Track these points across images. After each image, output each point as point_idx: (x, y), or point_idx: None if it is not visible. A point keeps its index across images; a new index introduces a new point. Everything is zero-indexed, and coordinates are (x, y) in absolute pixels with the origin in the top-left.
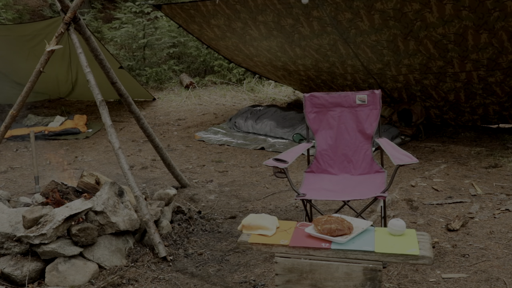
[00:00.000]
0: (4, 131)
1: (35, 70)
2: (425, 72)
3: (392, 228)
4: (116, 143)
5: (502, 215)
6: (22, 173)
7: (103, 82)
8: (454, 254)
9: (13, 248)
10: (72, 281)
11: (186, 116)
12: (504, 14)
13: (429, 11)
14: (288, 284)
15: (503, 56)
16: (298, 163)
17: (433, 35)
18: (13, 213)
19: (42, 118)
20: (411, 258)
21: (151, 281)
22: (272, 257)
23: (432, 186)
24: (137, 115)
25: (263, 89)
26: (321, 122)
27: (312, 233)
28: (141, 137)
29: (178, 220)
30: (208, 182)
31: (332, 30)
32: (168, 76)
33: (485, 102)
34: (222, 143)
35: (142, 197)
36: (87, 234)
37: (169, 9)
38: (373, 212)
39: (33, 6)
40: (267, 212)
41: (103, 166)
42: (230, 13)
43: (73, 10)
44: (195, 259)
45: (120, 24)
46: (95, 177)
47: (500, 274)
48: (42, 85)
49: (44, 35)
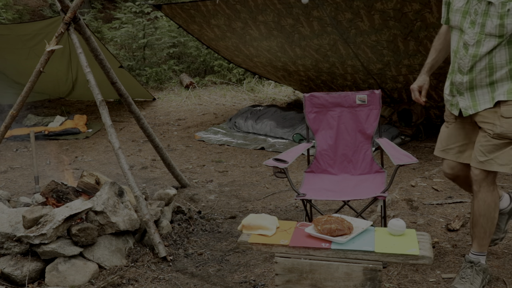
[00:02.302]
0: (4, 131)
1: (35, 70)
2: None
3: (392, 228)
4: (116, 143)
5: None
6: (22, 173)
7: (103, 82)
8: (454, 254)
9: (13, 248)
10: (72, 281)
11: (186, 116)
12: None
13: (429, 11)
14: (288, 284)
15: None
16: (298, 163)
17: (433, 35)
18: (13, 213)
19: (42, 118)
20: (411, 258)
21: (151, 281)
22: (272, 257)
23: (432, 186)
24: (137, 115)
25: (263, 89)
26: (321, 122)
27: (312, 233)
28: (141, 137)
29: (178, 220)
30: (208, 182)
31: (332, 30)
32: (168, 76)
33: None
34: (222, 143)
35: (142, 197)
36: (87, 234)
37: (169, 9)
38: (373, 212)
39: (33, 6)
40: (267, 212)
41: (103, 166)
42: (230, 13)
43: (73, 10)
44: (195, 259)
45: (120, 24)
46: (95, 177)
47: (500, 274)
48: (42, 85)
49: (44, 34)
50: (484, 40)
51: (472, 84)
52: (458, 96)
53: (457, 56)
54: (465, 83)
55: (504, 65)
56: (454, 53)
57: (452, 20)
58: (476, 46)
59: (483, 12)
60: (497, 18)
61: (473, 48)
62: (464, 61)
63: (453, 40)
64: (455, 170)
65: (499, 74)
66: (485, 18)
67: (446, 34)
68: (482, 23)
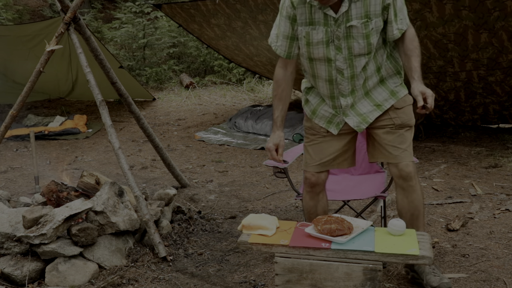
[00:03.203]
0: (4, 131)
1: (35, 70)
2: (425, 72)
3: (392, 228)
4: (116, 143)
5: (502, 215)
6: (22, 173)
7: (103, 82)
8: (454, 254)
9: (13, 248)
10: (72, 281)
11: (186, 116)
12: (504, 14)
13: (429, 11)
14: (288, 284)
15: (503, 56)
16: (298, 163)
17: (433, 35)
18: (13, 213)
19: (42, 118)
20: (411, 258)
21: (151, 281)
22: (272, 257)
23: (432, 186)
24: (137, 115)
25: (263, 89)
26: None
27: (312, 233)
28: (141, 137)
29: (178, 220)
30: (208, 182)
31: None
32: (168, 76)
33: (485, 101)
34: (222, 143)
35: (142, 197)
36: (87, 234)
37: (169, 9)
38: (373, 212)
39: (33, 6)
40: (267, 212)
41: (103, 166)
42: (230, 12)
43: (73, 10)
44: (195, 259)
45: (120, 24)
46: (95, 177)
47: (500, 274)
48: (42, 85)
49: (44, 35)
50: (355, 61)
51: (354, 102)
52: (343, 116)
53: (334, 83)
54: (350, 104)
55: (373, 74)
56: (328, 82)
57: (315, 54)
58: (350, 68)
59: (345, 36)
60: (363, 39)
61: (348, 71)
62: (343, 85)
63: (321, 70)
64: (320, 178)
65: (372, 83)
66: (350, 40)
67: (284, 77)
68: (348, 46)
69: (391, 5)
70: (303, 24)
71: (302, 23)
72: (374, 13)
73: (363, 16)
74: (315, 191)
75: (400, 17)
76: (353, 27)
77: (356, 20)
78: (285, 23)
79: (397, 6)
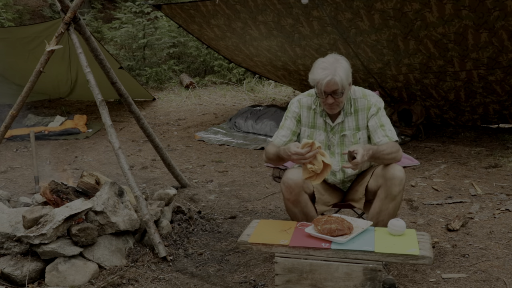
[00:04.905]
0: (4, 131)
1: (35, 70)
2: (425, 72)
3: (392, 228)
4: (116, 143)
5: (502, 215)
6: (22, 173)
7: (103, 82)
8: (454, 254)
9: (13, 248)
10: (72, 281)
11: (186, 116)
12: (504, 14)
13: (429, 10)
14: (288, 284)
15: (503, 55)
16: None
17: (433, 35)
18: (13, 213)
19: (42, 118)
20: (411, 258)
21: (151, 281)
22: (272, 257)
23: (432, 186)
24: (137, 115)
25: (263, 89)
26: None
27: (312, 233)
28: (141, 137)
29: (178, 220)
30: (208, 182)
31: (332, 30)
32: (168, 76)
33: (485, 101)
34: (222, 143)
35: (142, 197)
36: (87, 234)
37: (169, 9)
38: None
39: (33, 6)
40: (267, 212)
41: (103, 166)
42: (230, 13)
43: (73, 10)
44: (195, 259)
45: (120, 24)
46: (95, 177)
47: (500, 274)
48: (42, 85)
49: (44, 37)
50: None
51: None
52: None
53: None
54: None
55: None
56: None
57: None
58: (342, 171)
59: (338, 143)
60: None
61: (340, 174)
62: (336, 182)
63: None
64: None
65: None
66: (342, 147)
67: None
68: (340, 153)
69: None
70: (306, 125)
71: (306, 125)
72: (362, 126)
73: (355, 128)
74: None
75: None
76: (346, 136)
77: (348, 131)
78: (291, 120)
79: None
